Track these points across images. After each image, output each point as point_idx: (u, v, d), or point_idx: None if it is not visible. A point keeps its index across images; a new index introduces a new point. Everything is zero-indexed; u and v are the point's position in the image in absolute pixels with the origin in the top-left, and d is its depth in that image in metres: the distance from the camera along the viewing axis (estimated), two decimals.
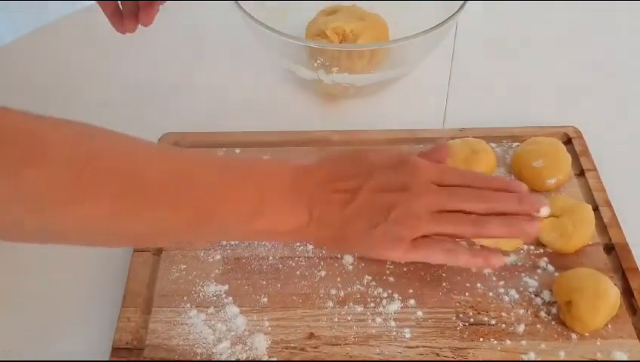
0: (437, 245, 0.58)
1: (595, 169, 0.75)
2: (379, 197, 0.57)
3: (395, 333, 0.62)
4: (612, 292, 0.62)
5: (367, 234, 0.57)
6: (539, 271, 0.67)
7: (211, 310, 0.64)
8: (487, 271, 0.67)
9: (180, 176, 0.55)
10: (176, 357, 0.61)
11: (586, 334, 0.62)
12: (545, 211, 0.59)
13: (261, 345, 0.61)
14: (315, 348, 0.61)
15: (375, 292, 0.65)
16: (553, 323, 0.63)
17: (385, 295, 0.65)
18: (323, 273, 0.67)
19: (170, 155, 0.58)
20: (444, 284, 0.66)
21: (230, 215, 0.56)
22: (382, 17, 0.90)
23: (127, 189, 0.52)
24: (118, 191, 0.51)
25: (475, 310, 0.64)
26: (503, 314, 0.63)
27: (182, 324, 0.63)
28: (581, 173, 0.75)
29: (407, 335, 0.62)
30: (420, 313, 0.64)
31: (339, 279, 0.66)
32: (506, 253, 0.67)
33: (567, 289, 0.63)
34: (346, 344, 0.61)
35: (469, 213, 0.58)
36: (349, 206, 0.57)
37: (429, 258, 0.58)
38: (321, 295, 0.65)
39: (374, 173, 0.59)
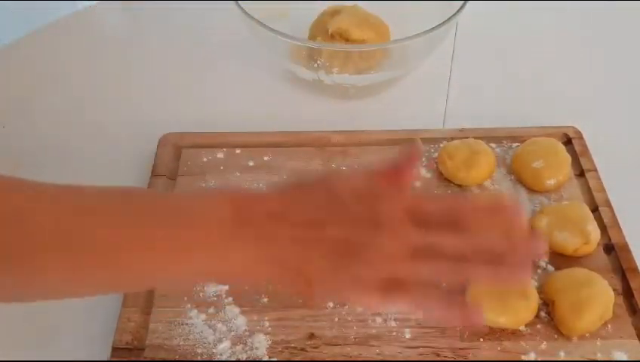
0: (409, 294, 0.50)
1: (595, 169, 0.75)
2: (345, 233, 0.49)
3: (395, 333, 0.62)
4: (599, 298, 0.61)
5: (332, 275, 0.49)
6: (539, 271, 0.66)
7: (212, 310, 0.64)
8: None
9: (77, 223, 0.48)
10: (176, 357, 0.61)
11: (574, 337, 0.61)
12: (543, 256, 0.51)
13: (261, 345, 0.61)
14: (315, 348, 0.61)
15: None
16: (553, 323, 0.62)
17: None
18: None
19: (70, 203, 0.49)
20: (444, 284, 0.65)
21: (146, 259, 0.48)
22: (383, 18, 0.90)
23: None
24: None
25: None
26: None
27: (182, 324, 0.63)
28: (581, 174, 0.75)
29: (408, 336, 0.62)
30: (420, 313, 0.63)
31: None
32: None
33: (552, 290, 0.63)
34: (346, 344, 0.61)
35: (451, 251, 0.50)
36: (310, 242, 0.49)
37: (400, 307, 0.51)
38: None
39: (340, 205, 0.50)
